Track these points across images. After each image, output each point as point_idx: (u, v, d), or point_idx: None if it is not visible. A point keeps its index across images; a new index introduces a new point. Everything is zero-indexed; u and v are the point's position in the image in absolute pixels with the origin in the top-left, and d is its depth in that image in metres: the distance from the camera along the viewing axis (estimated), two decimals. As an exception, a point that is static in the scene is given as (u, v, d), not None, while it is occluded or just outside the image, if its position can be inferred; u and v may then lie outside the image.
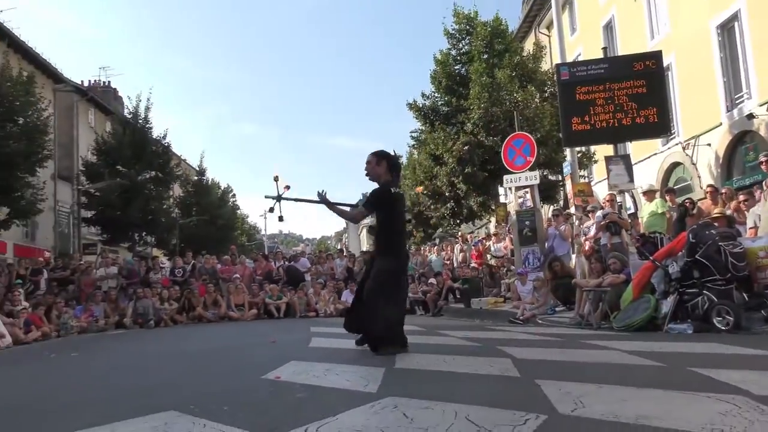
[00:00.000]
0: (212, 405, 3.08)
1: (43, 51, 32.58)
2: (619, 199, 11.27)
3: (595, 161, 19.41)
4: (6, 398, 3.98)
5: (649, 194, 10.59)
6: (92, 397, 3.66)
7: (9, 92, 16.77)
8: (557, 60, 14.94)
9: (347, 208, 5.65)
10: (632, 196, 12.83)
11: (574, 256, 11.29)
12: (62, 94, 28.75)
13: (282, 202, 5.84)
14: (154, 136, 27.30)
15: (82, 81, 32.95)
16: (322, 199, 5.35)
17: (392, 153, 5.54)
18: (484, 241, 16.59)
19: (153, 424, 2.67)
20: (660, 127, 11.66)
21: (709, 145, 16.21)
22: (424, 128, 21.70)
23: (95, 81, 35.69)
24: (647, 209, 10.39)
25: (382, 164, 5.32)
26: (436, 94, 21.15)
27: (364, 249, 48.44)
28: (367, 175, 5.36)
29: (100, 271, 15.28)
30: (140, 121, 26.87)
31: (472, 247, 16.20)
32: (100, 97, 33.53)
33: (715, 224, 7.26)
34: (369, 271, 5.49)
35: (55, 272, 14.96)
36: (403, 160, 28.89)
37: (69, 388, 4.21)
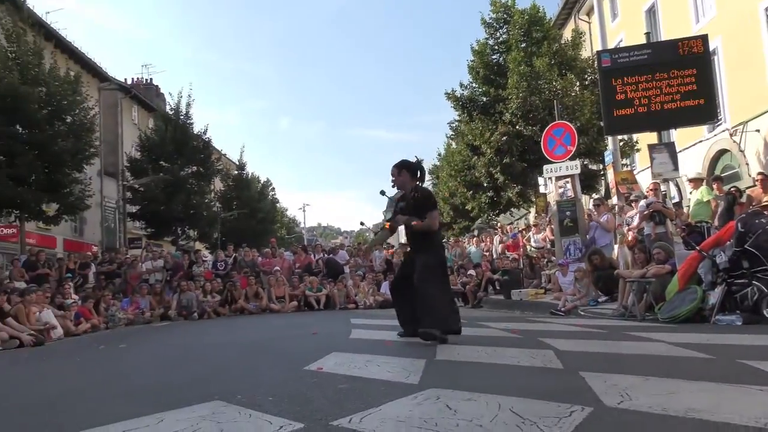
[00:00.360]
0: (257, 395, 3.13)
1: (88, 51, 33.44)
2: (663, 188, 11.01)
3: (638, 150, 18.98)
4: (59, 388, 4.12)
5: (696, 182, 10.31)
6: (141, 386, 3.76)
7: (57, 91, 17.28)
8: (598, 47, 14.65)
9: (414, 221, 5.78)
10: (677, 185, 12.53)
11: (616, 247, 11.08)
12: (107, 92, 29.49)
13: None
14: (195, 132, 27.80)
15: (125, 79, 33.74)
16: (401, 222, 5.57)
17: (414, 159, 5.75)
18: (524, 231, 16.42)
19: (200, 413, 2.73)
20: (706, 113, 11.33)
21: (758, 131, 15.66)
22: (461, 118, 21.54)
23: (138, 79, 36.48)
24: (693, 198, 10.13)
25: (404, 173, 5.55)
26: (473, 84, 20.98)
27: (403, 241, 48.44)
28: (393, 186, 5.64)
29: (146, 264, 15.67)
30: (182, 117, 27.37)
31: (510, 239, 16.06)
32: (143, 95, 34.26)
33: (765, 213, 7.04)
34: (405, 267, 5.69)
35: (102, 266, 15.42)
36: (441, 151, 28.76)
37: (118, 379, 4.33)
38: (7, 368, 5.96)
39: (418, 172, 5.59)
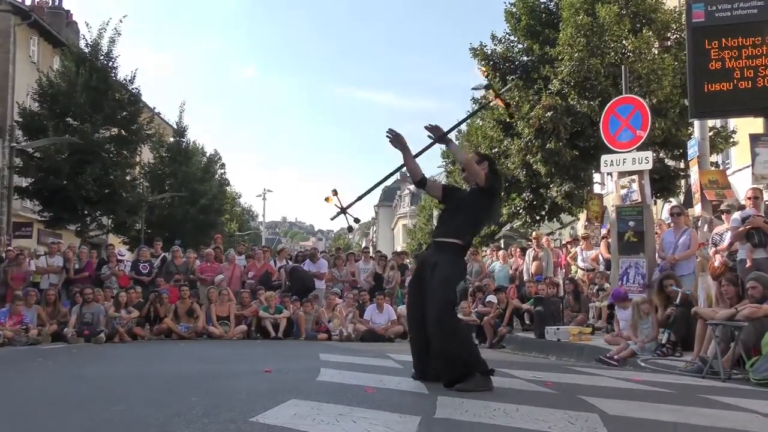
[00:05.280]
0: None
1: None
2: (766, 196, 11.01)
3: (734, 143, 18.96)
4: None
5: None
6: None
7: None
8: (688, -6, 14.64)
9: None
10: (788, 194, 12.52)
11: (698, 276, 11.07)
12: (-5, 15, 29.30)
13: (348, 208, 6.60)
14: (119, 80, 27.67)
15: (23, -1, 33.55)
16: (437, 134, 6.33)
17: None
18: (569, 246, 16.43)
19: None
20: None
21: None
22: (492, 84, 21.48)
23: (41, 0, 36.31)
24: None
25: (483, 164, 6.39)
26: (511, 37, 20.89)
27: (399, 249, 48.42)
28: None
29: (41, 260, 15.55)
30: (101, 58, 27.22)
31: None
32: (48, 22, 34.05)
33: None
34: (419, 284, 6.13)
35: (-28, 260, 15.28)
36: (463, 128, 28.76)
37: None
38: None
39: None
